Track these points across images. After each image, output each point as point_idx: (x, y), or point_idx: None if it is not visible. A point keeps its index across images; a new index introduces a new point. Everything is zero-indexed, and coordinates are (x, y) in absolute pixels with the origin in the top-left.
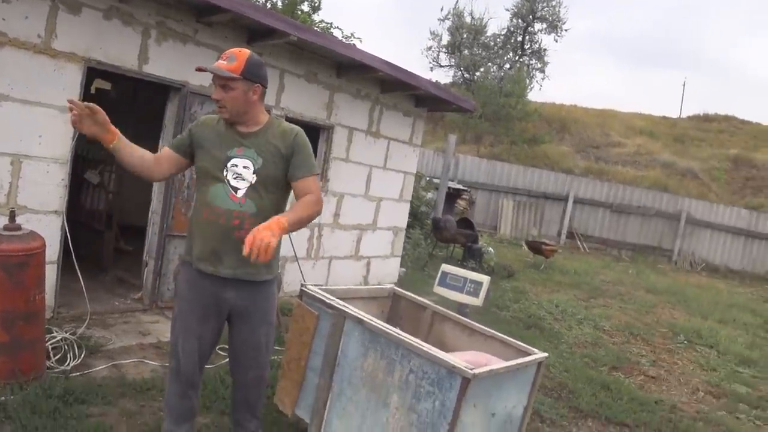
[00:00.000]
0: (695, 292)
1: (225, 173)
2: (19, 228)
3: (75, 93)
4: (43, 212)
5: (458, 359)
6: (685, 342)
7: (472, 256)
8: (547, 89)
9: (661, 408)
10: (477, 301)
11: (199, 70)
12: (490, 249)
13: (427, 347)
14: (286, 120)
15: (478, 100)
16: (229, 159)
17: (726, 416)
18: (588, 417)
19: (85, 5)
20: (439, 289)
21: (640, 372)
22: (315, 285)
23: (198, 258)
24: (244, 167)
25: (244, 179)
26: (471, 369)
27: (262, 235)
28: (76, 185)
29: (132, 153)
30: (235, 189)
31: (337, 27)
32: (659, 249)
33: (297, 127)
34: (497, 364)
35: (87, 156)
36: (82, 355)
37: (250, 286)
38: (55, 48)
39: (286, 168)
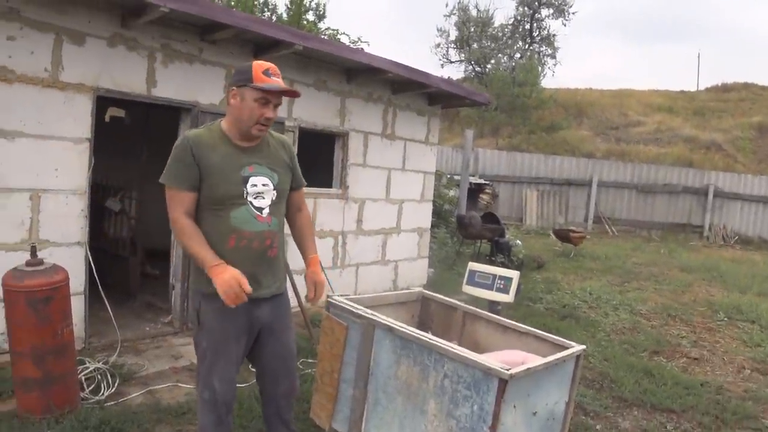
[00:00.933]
0: (730, 266)
1: (245, 195)
2: (41, 263)
3: (86, 123)
4: (66, 244)
5: (493, 360)
6: (726, 319)
7: (500, 251)
8: (561, 75)
9: (707, 390)
10: (508, 298)
11: (291, 93)
12: (518, 241)
13: (459, 350)
14: (300, 130)
15: (492, 92)
16: (246, 180)
17: None
18: (632, 406)
19: (88, 35)
20: (468, 288)
21: (681, 354)
22: (342, 295)
23: None
24: (264, 185)
25: (264, 197)
26: (507, 369)
27: (323, 281)
28: (98, 214)
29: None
30: (260, 209)
31: (344, 33)
32: (689, 226)
33: (284, 136)
34: (534, 361)
35: (106, 184)
36: (116, 384)
37: (277, 298)
38: (63, 80)
39: (291, 178)
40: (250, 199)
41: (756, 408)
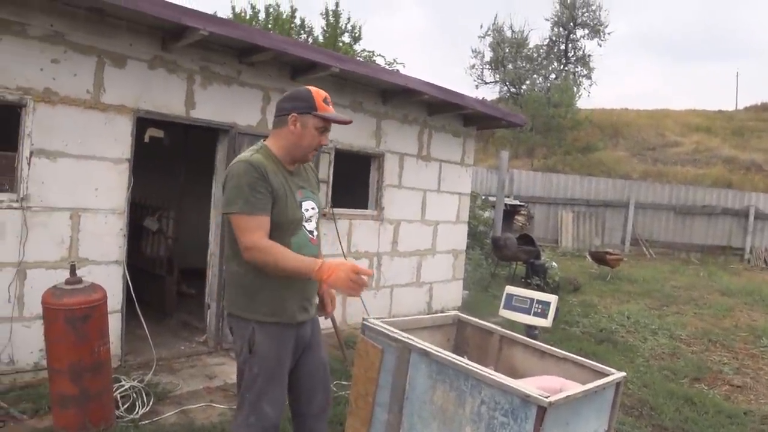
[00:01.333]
0: None
1: (302, 220)
2: (80, 281)
3: (126, 144)
4: (105, 263)
5: (531, 386)
6: None
7: (535, 273)
8: (596, 95)
9: (751, 419)
10: (545, 323)
11: (344, 122)
12: (554, 264)
13: (497, 376)
14: (336, 152)
15: (527, 113)
16: (300, 204)
17: None
18: None
19: (129, 58)
20: (505, 312)
21: (724, 381)
22: (377, 318)
23: (294, 312)
24: (312, 209)
25: (312, 221)
26: (546, 397)
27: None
28: (137, 233)
29: None
30: (311, 232)
31: (380, 55)
32: (729, 248)
33: None
34: (573, 389)
35: (145, 204)
36: (151, 403)
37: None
38: (104, 101)
39: None
40: (304, 222)
41: None
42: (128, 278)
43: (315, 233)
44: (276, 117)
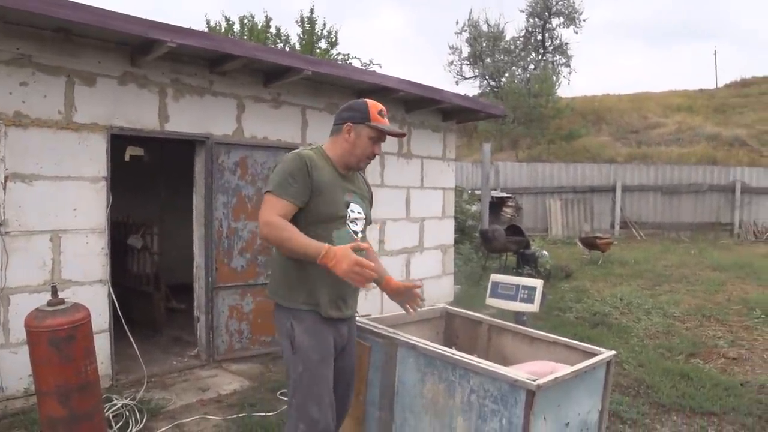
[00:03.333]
0: (764, 262)
1: (347, 218)
2: (62, 302)
3: (102, 162)
4: (89, 283)
5: (519, 372)
6: (763, 316)
7: (526, 262)
8: (576, 83)
9: (749, 390)
10: (533, 307)
11: (401, 135)
12: (544, 252)
13: (484, 363)
14: None
15: (508, 105)
16: (347, 204)
17: None
18: (671, 411)
19: (99, 75)
20: (492, 301)
21: (719, 355)
22: (363, 315)
23: (326, 306)
24: (359, 213)
25: (356, 223)
26: (534, 380)
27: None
28: (122, 251)
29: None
30: (356, 233)
31: (356, 57)
32: (718, 224)
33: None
34: (562, 371)
35: (128, 222)
36: (144, 420)
37: (353, 319)
38: (77, 121)
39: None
40: (348, 222)
41: None
42: (114, 297)
43: (360, 235)
44: (333, 125)
